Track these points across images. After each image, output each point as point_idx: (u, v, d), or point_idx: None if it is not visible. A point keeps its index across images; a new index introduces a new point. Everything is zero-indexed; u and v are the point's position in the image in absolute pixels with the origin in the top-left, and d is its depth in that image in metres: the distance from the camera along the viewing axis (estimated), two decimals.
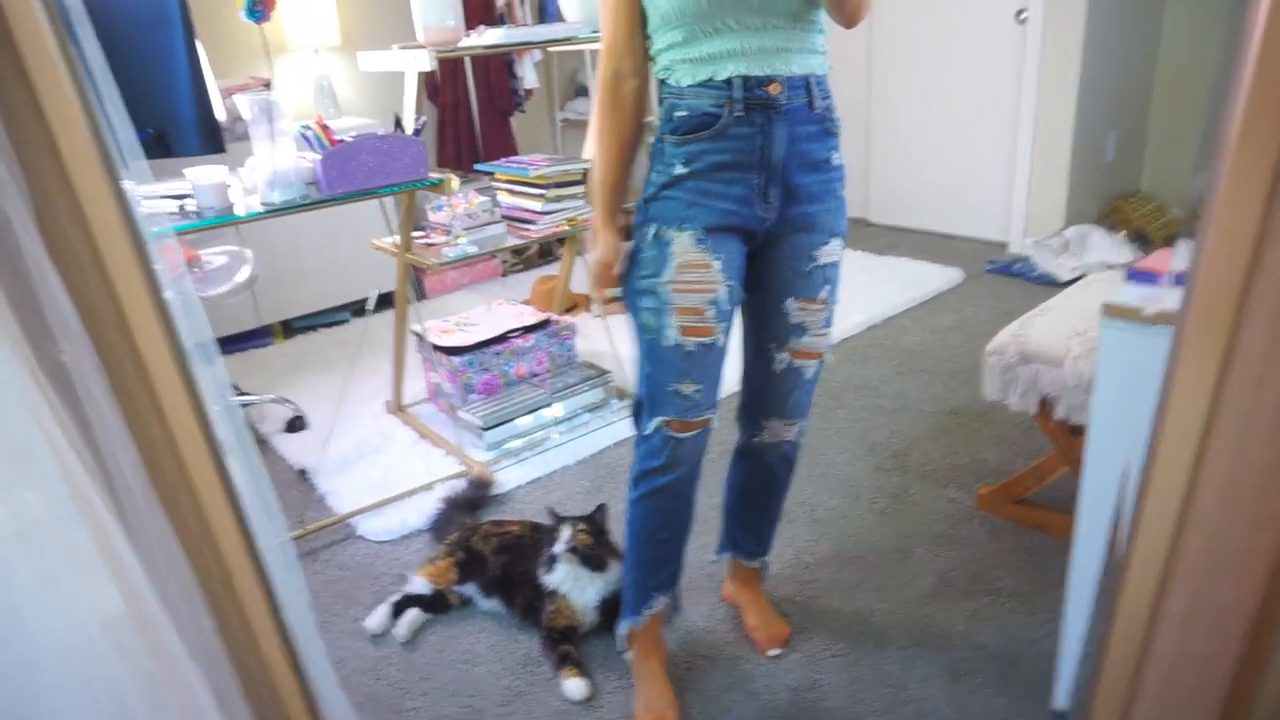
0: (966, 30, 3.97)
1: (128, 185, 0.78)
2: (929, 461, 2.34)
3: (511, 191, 2.53)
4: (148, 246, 0.80)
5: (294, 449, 2.65)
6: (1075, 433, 1.89)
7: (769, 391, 1.53)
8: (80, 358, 0.75)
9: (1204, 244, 0.54)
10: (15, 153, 0.69)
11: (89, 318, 0.75)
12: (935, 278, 3.68)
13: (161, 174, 2.08)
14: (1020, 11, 3.77)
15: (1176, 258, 1.27)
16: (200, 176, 1.94)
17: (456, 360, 2.60)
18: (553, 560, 1.75)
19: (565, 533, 1.75)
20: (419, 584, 1.90)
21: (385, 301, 3.45)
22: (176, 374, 0.82)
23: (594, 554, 1.76)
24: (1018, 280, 3.67)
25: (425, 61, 2.05)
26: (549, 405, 2.61)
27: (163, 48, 1.86)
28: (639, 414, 1.45)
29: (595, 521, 1.80)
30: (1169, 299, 1.18)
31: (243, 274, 2.71)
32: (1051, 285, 3.52)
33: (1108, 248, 3.57)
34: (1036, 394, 1.90)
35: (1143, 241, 3.71)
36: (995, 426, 2.48)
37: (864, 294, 3.52)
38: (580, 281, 3.43)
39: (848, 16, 1.29)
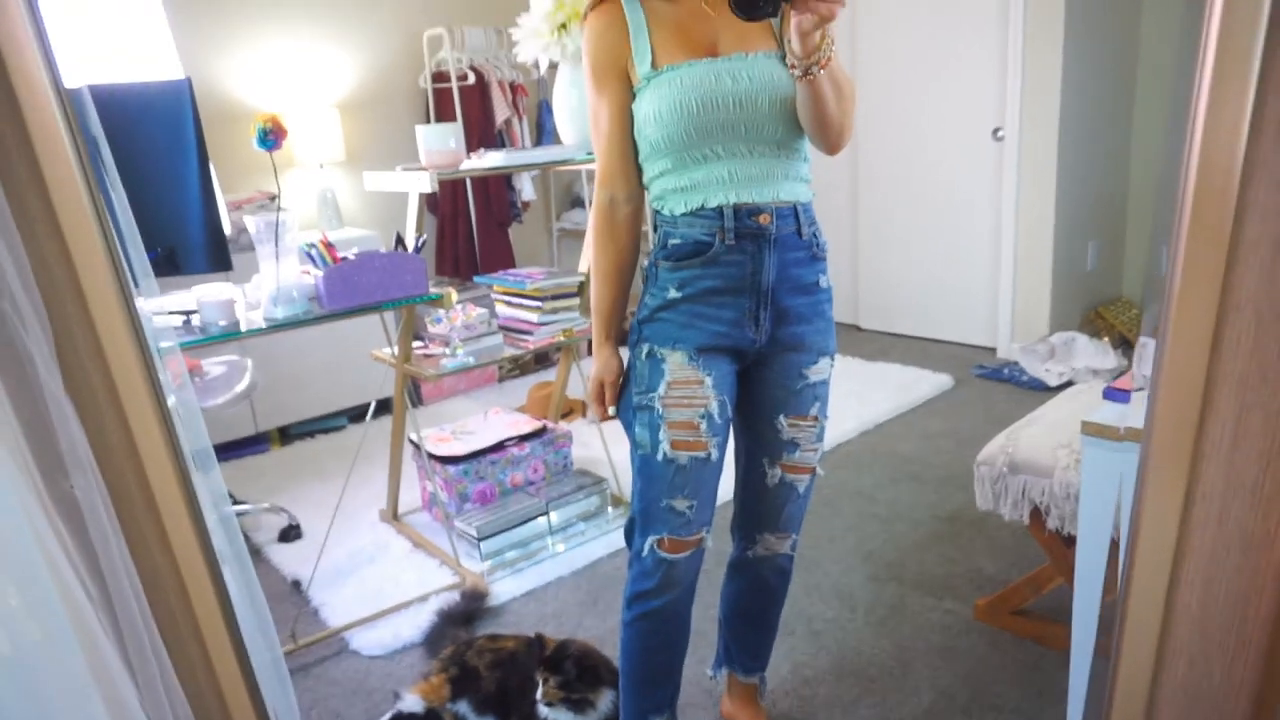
0: (947, 147, 4.15)
1: (139, 303, 0.82)
2: (925, 571, 2.33)
3: (509, 303, 2.60)
4: (157, 369, 0.84)
5: (288, 559, 2.64)
6: (1069, 543, 1.90)
7: (762, 506, 1.55)
8: (90, 491, 0.77)
9: (1157, 392, 0.58)
10: (41, 293, 0.73)
11: (101, 451, 0.78)
12: (925, 383, 3.74)
13: (167, 286, 2.14)
14: (997, 129, 3.94)
15: (1136, 360, 1.31)
16: (206, 294, 2.00)
17: (452, 469, 2.62)
18: (536, 705, 1.72)
19: (538, 688, 1.72)
20: (412, 701, 1.86)
21: (382, 406, 3.48)
22: (180, 494, 0.85)
23: (573, 699, 1.71)
24: (1007, 385, 3.73)
25: (427, 184, 2.14)
26: (544, 514, 2.61)
27: (177, 170, 1.95)
28: (632, 533, 1.46)
29: (559, 667, 1.72)
30: (1138, 416, 1.22)
31: (242, 384, 2.74)
32: (1040, 390, 3.57)
33: (1093, 353, 3.64)
34: (1028, 504, 1.92)
35: (1126, 346, 3.78)
36: (990, 534, 2.48)
37: (856, 400, 3.57)
38: (576, 387, 3.47)
39: (830, 143, 1.35)
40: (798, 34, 1.18)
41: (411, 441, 2.78)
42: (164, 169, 1.87)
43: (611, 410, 1.49)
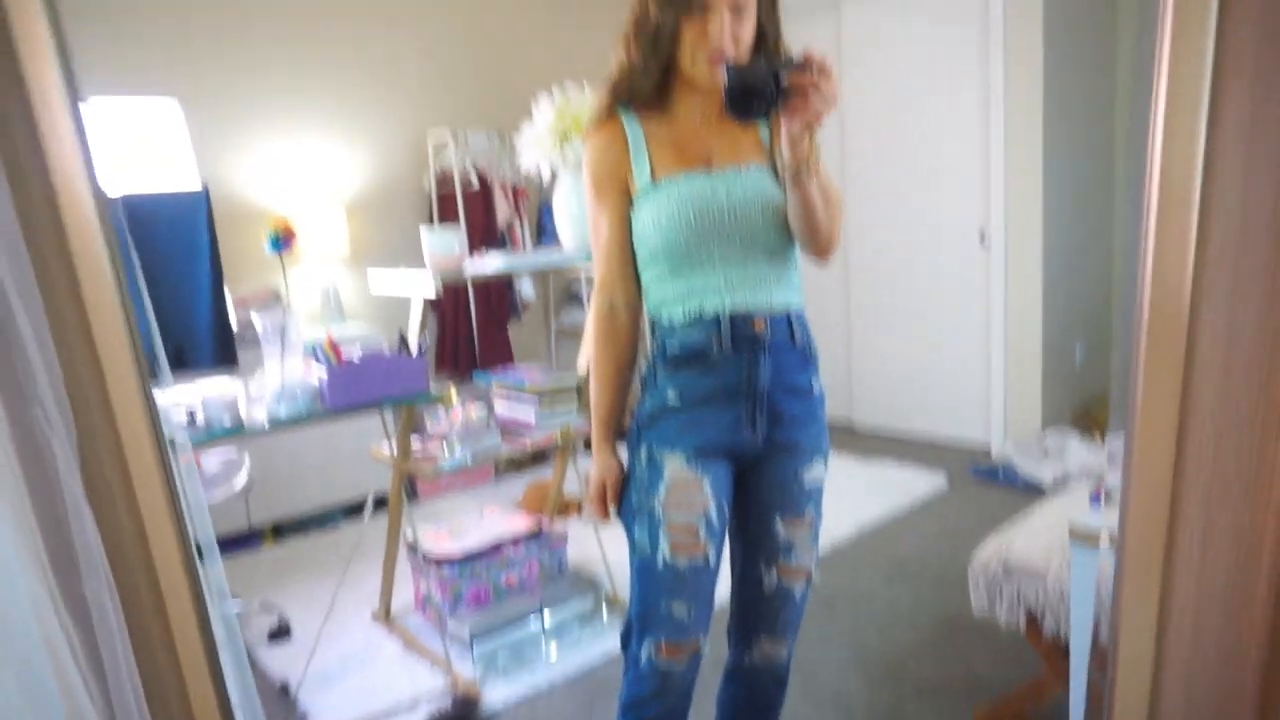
0: (935, 250, 4.28)
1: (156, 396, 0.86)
2: (923, 676, 2.30)
3: (507, 401, 2.63)
4: (173, 469, 0.87)
5: (277, 660, 2.59)
6: (1067, 651, 1.89)
7: (759, 610, 1.55)
8: (101, 593, 0.79)
9: (1127, 506, 0.62)
10: (70, 399, 0.77)
11: (114, 554, 0.81)
12: (921, 483, 3.75)
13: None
14: (982, 233, 4.07)
15: (1108, 461, 1.34)
16: (211, 391, 2.04)
17: (447, 570, 2.60)
18: None
19: None
20: None
21: (377, 501, 3.47)
22: (188, 597, 0.86)
23: None
24: (1002, 485, 3.74)
25: (431, 288, 2.21)
26: (539, 615, 2.59)
27: (190, 272, 2.02)
28: (629, 637, 1.46)
29: None
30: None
31: (240, 479, 2.76)
32: (1036, 490, 3.58)
33: (1085, 452, 3.67)
34: (1023, 608, 1.92)
35: None
36: (989, 638, 2.46)
37: (852, 500, 3.57)
38: (572, 485, 3.48)
39: (819, 250, 1.41)
40: (787, 140, 1.26)
41: (407, 540, 2.77)
42: (178, 271, 1.94)
43: (612, 511, 1.50)
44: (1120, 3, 4.05)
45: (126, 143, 2.23)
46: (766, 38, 1.42)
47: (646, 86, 1.42)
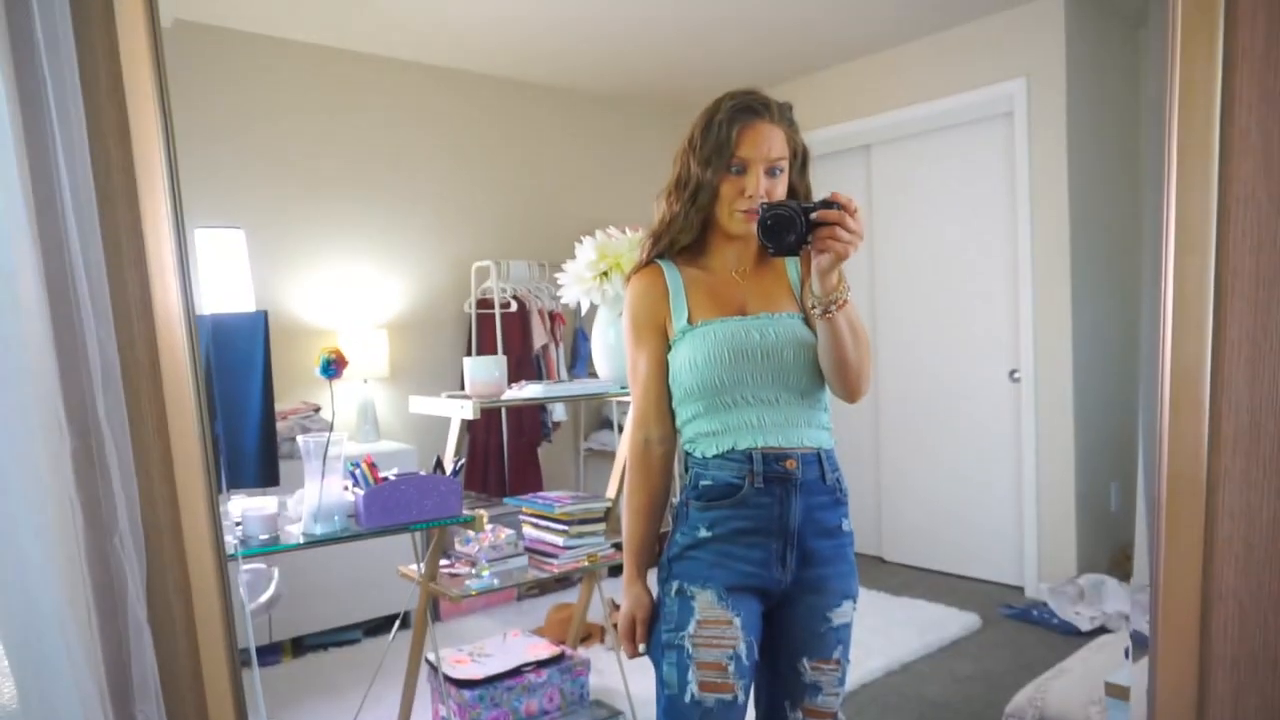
0: (965, 388, 4.31)
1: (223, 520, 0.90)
2: None
3: (536, 525, 2.65)
4: (231, 595, 0.90)
5: None
6: None
7: None
8: (151, 716, 0.82)
9: (1156, 680, 0.63)
10: (145, 530, 0.82)
11: (167, 675, 0.84)
12: (953, 622, 3.66)
13: None
14: (1013, 371, 4.11)
15: (1132, 612, 1.33)
16: (251, 507, 2.09)
17: (467, 694, 2.57)
18: None
19: None
20: None
21: (396, 620, 3.45)
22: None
23: None
24: (1036, 627, 3.64)
25: (471, 411, 2.27)
26: None
27: (243, 391, 2.09)
28: None
29: None
30: None
31: (268, 593, 2.76)
32: (1072, 634, 3.48)
33: (1123, 597, 3.58)
34: None
35: None
36: None
37: (881, 637, 3.49)
38: (596, 611, 3.44)
39: (850, 388, 1.47)
40: (818, 273, 1.34)
41: (428, 661, 2.74)
42: (232, 390, 2.02)
43: (641, 648, 1.51)
44: (1141, 147, 4.20)
45: (199, 270, 2.37)
46: (798, 196, 1.53)
47: (686, 238, 1.52)
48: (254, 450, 2.10)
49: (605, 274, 2.33)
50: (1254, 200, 0.58)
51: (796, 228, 1.32)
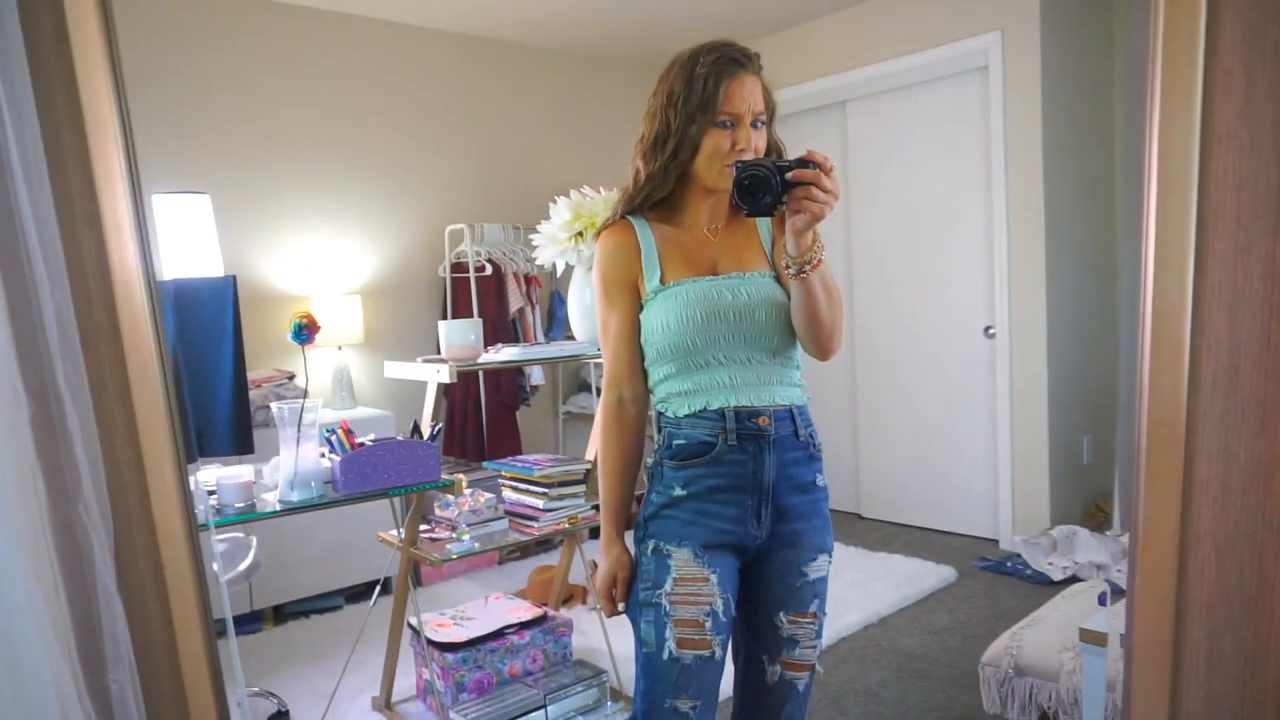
0: (941, 344, 4.33)
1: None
2: None
3: (515, 488, 2.65)
4: (202, 558, 0.89)
5: None
6: None
7: (762, 705, 1.54)
8: (125, 686, 0.80)
9: (1133, 620, 0.64)
10: (110, 497, 0.80)
11: (140, 643, 0.82)
12: (929, 575, 3.71)
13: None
14: (988, 327, 4.13)
15: (1112, 558, 1.35)
16: (226, 476, 2.06)
17: (450, 657, 2.58)
18: None
19: None
20: None
21: (378, 585, 3.45)
22: (209, 689, 0.88)
23: None
24: (1010, 579, 3.70)
25: (447, 375, 2.25)
26: (542, 707, 2.54)
27: (213, 359, 2.06)
28: None
29: None
30: None
31: (245, 562, 2.75)
32: (1045, 584, 3.55)
33: (1095, 547, 3.64)
34: (1035, 708, 1.89)
35: None
36: None
37: (859, 592, 3.54)
38: (577, 573, 3.45)
39: (822, 346, 1.46)
40: (792, 233, 1.33)
41: (411, 626, 2.74)
42: (201, 357, 1.98)
43: (621, 607, 1.51)
44: (1116, 107, 4.20)
45: (161, 235, 2.31)
46: (773, 149, 1.51)
47: (661, 193, 1.50)
48: (227, 418, 2.07)
49: (580, 234, 2.31)
50: (1235, 140, 0.57)
51: (772, 188, 1.30)
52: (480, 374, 4.27)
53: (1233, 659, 0.68)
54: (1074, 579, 3.53)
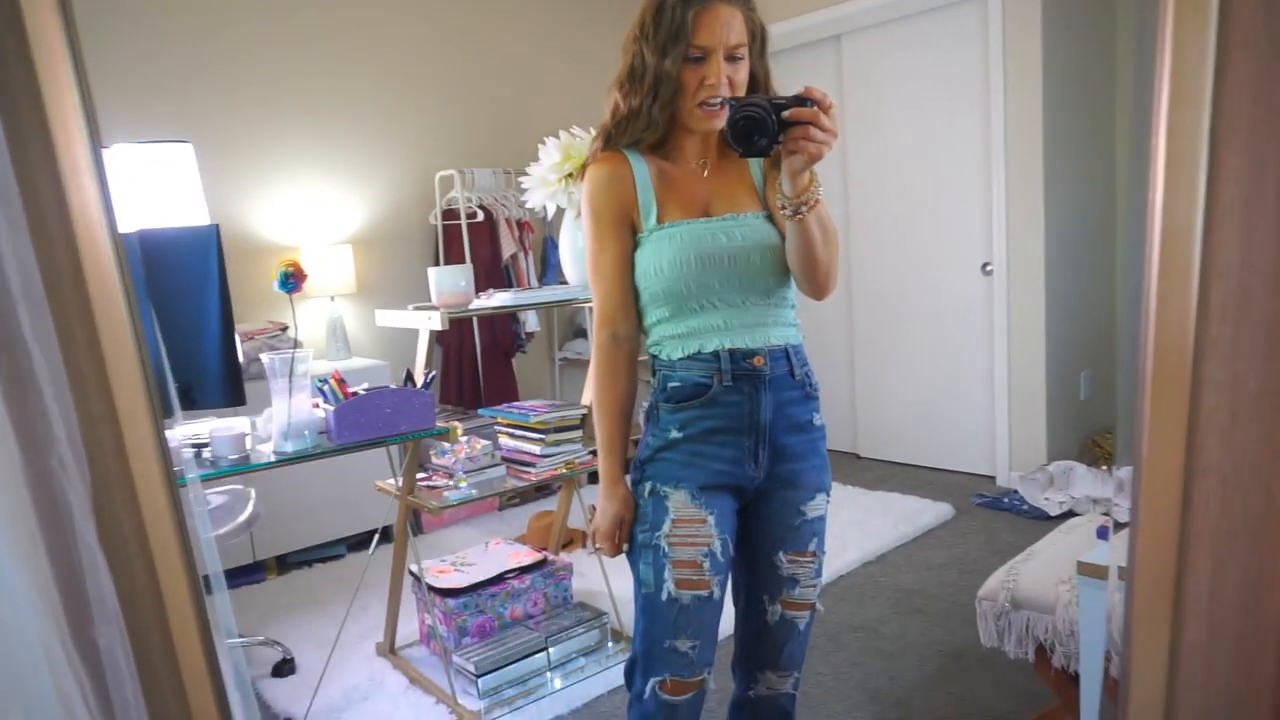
0: (938, 281, 4.30)
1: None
2: (933, 710, 2.28)
3: (512, 435, 2.64)
4: (184, 511, 0.87)
5: (281, 695, 2.58)
6: (1076, 681, 1.88)
7: (763, 644, 1.54)
8: (112, 639, 0.79)
9: (1135, 556, 0.62)
10: (85, 447, 0.78)
11: (126, 598, 0.81)
12: (926, 513, 3.74)
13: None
14: (986, 264, 4.09)
15: (1115, 491, 1.34)
16: (219, 428, 2.05)
17: (452, 602, 2.60)
18: None
19: None
20: None
21: (382, 534, 3.47)
22: (197, 636, 0.87)
23: None
24: (1007, 514, 3.73)
25: (439, 322, 2.22)
26: (544, 649, 2.57)
27: (200, 310, 2.03)
28: (633, 673, 1.46)
29: None
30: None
31: (245, 514, 2.76)
32: (1042, 519, 3.57)
33: (1091, 482, 3.66)
34: (1032, 641, 1.91)
35: None
36: (998, 671, 2.44)
37: (857, 530, 3.56)
38: (577, 517, 3.47)
39: (818, 287, 1.43)
40: (788, 174, 1.28)
41: (411, 573, 2.76)
42: (187, 308, 1.95)
43: (625, 548, 1.49)
44: (1119, 36, 4.10)
45: (142, 185, 2.26)
46: (758, 82, 1.45)
47: (651, 136, 1.45)
48: (217, 370, 2.05)
49: (570, 175, 2.26)
50: (1254, 46, 0.54)
51: (768, 129, 1.23)
52: (475, 321, 4.24)
53: (1236, 591, 0.67)
54: (1070, 514, 3.55)
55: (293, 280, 1.81)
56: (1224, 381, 0.60)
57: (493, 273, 4.25)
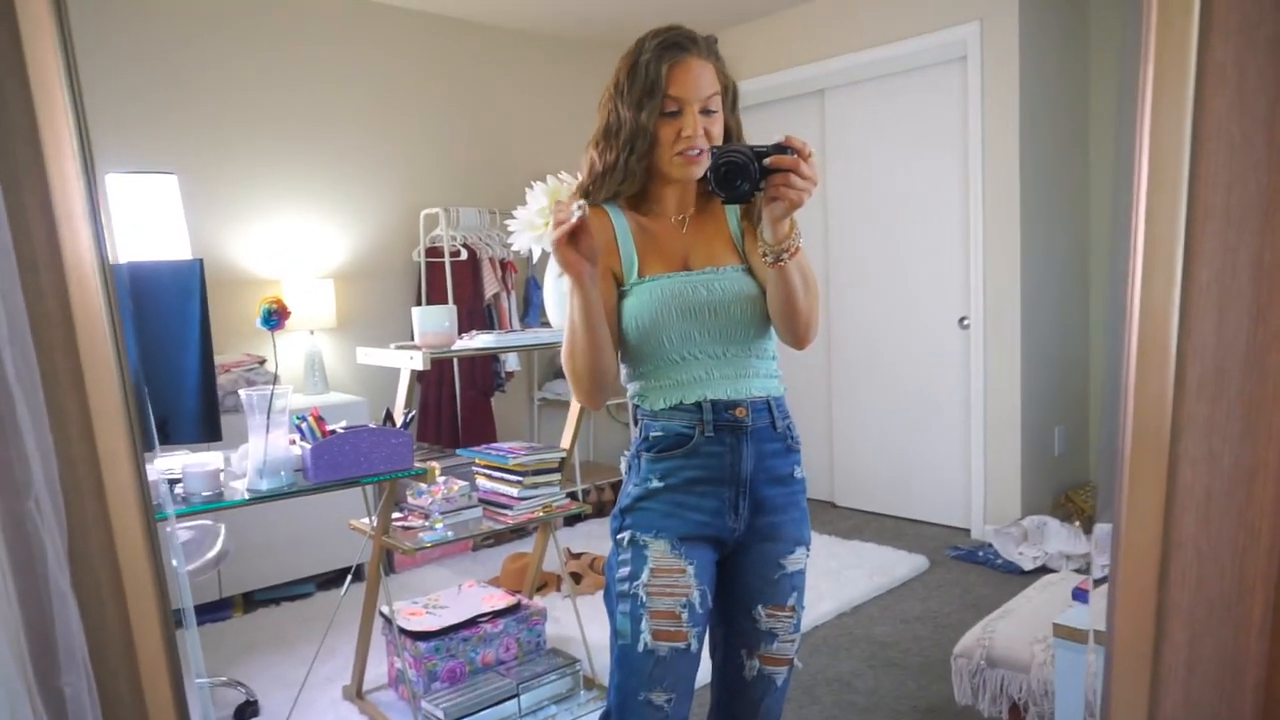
0: (915, 335, 4.35)
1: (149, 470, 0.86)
2: None
3: (490, 476, 2.62)
4: (161, 551, 0.86)
5: None
6: None
7: (740, 699, 1.53)
8: (80, 689, 0.77)
9: (1114, 627, 0.63)
10: (64, 492, 0.77)
11: (95, 644, 0.79)
12: (901, 564, 3.74)
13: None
14: (963, 318, 4.15)
15: (1094, 548, 1.35)
16: (192, 464, 2.02)
17: (423, 646, 2.55)
18: None
19: None
20: None
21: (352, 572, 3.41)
22: (169, 694, 0.85)
23: None
24: (982, 568, 3.73)
25: (420, 362, 2.22)
26: (515, 696, 2.53)
27: (179, 344, 2.01)
28: None
29: None
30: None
31: (213, 550, 2.71)
32: (1016, 573, 3.58)
33: (1065, 537, 3.68)
34: (1006, 699, 1.91)
35: None
36: None
37: (832, 580, 3.55)
38: (552, 561, 3.44)
39: (798, 335, 1.44)
40: (770, 221, 1.29)
41: (383, 614, 2.72)
42: (168, 342, 1.94)
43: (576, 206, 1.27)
44: (1092, 95, 4.21)
45: (125, 217, 2.26)
46: (731, 135, 1.48)
47: (630, 188, 1.46)
48: (194, 404, 2.02)
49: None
50: (1227, 135, 0.56)
51: (750, 175, 1.26)
52: (455, 361, 4.23)
53: (1212, 663, 0.67)
54: (1044, 569, 3.56)
55: (275, 317, 1.81)
56: (1200, 458, 0.61)
57: (475, 311, 4.25)
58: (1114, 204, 4.09)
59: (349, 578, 2.62)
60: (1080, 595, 1.30)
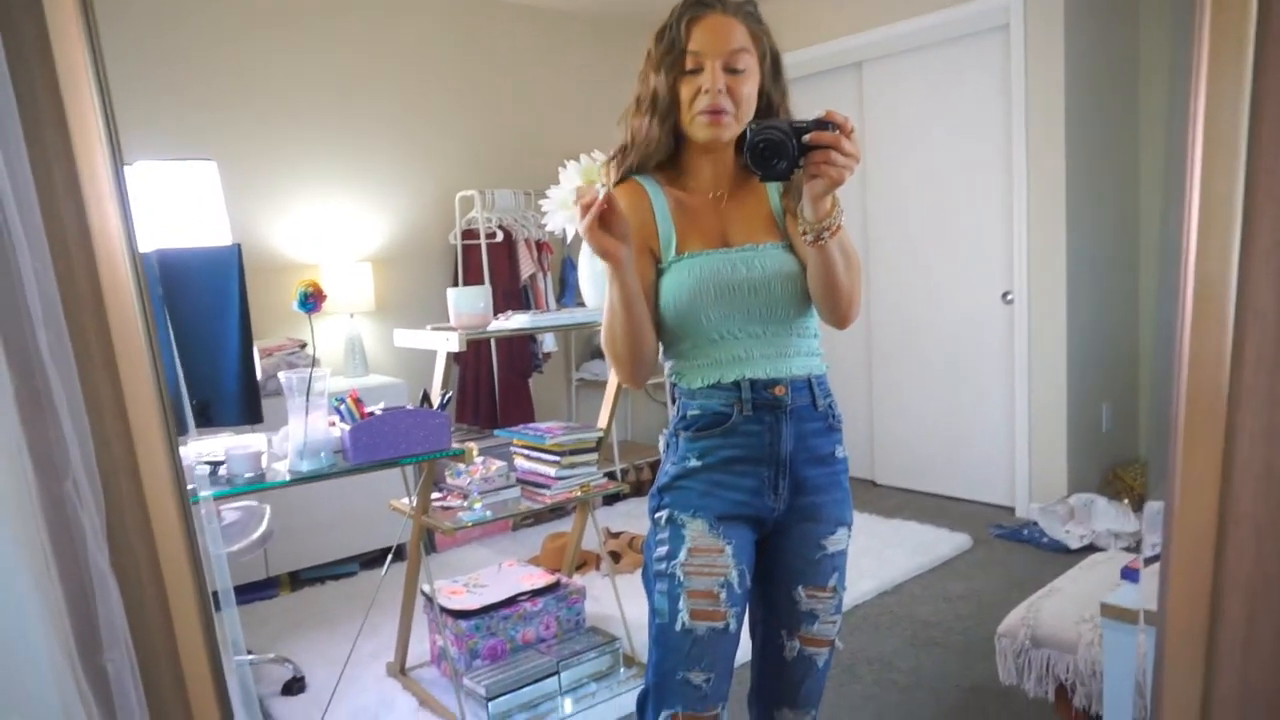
0: (958, 310, 4.27)
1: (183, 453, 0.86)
2: None
3: (528, 457, 2.63)
4: (195, 533, 0.87)
5: (290, 714, 2.57)
6: None
7: (780, 680, 1.52)
8: (122, 665, 0.79)
9: (1166, 606, 0.60)
10: (100, 473, 0.78)
11: (136, 622, 0.80)
12: (944, 543, 3.69)
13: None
14: (1006, 293, 4.06)
15: (1146, 527, 1.31)
16: (235, 446, 2.05)
17: (464, 624, 2.58)
18: None
19: None
20: None
21: (395, 551, 3.46)
22: (207, 666, 0.86)
23: None
24: (1026, 546, 3.67)
25: (456, 343, 2.22)
26: (555, 673, 2.55)
27: (219, 328, 2.04)
28: (645, 705, 1.44)
29: None
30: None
31: (259, 531, 2.76)
32: (1061, 552, 3.52)
33: (1113, 516, 3.61)
34: (1052, 680, 1.87)
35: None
36: (1016, 709, 2.39)
37: (873, 559, 3.52)
38: (591, 540, 3.45)
39: (840, 314, 1.40)
40: (810, 199, 1.25)
41: (424, 593, 2.75)
42: (208, 327, 1.96)
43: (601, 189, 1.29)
44: (1142, 65, 4.08)
45: (165, 203, 2.29)
46: (774, 106, 1.44)
47: (659, 155, 1.44)
48: (235, 388, 2.06)
49: None
50: None
51: (788, 152, 1.21)
52: (492, 341, 4.25)
53: (1270, 644, 0.65)
54: (1091, 548, 3.50)
55: (312, 300, 1.82)
56: (1259, 431, 0.58)
57: (511, 292, 4.26)
58: (1168, 168, 3.96)
59: (390, 557, 2.65)
60: (1130, 574, 1.26)
